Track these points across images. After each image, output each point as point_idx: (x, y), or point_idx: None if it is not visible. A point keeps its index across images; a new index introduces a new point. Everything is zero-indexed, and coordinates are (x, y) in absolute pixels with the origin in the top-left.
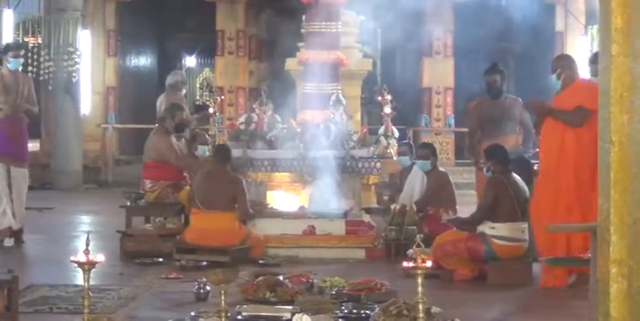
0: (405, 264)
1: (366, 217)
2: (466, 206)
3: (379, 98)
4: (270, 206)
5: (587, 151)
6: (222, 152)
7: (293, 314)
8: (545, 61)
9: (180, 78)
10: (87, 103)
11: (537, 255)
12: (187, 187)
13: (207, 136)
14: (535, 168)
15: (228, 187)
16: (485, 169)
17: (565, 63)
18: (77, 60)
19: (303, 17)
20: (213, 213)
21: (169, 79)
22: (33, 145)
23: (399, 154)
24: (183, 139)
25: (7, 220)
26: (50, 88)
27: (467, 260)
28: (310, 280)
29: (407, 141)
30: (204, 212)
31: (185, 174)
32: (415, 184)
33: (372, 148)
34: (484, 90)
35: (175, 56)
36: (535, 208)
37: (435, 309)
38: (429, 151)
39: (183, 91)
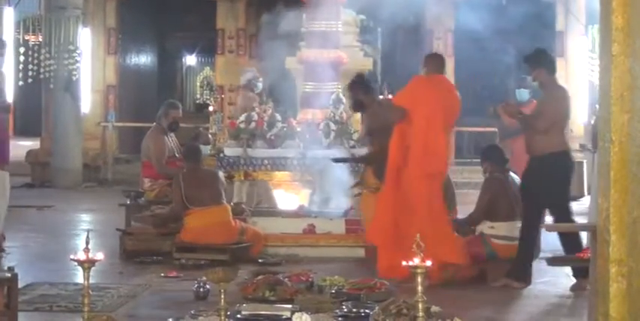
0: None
1: None
2: (466, 206)
3: (380, 97)
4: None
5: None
6: (192, 152)
7: (293, 313)
8: None
9: (252, 76)
10: (87, 101)
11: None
12: None
13: (209, 135)
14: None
15: (211, 181)
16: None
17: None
18: (77, 58)
19: (304, 16)
20: (204, 209)
21: (242, 78)
22: (33, 144)
23: None
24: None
25: None
26: (51, 86)
27: (469, 263)
28: (310, 279)
29: None
30: (195, 211)
31: None
32: None
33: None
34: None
35: (176, 55)
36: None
37: (434, 308)
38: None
39: (258, 90)
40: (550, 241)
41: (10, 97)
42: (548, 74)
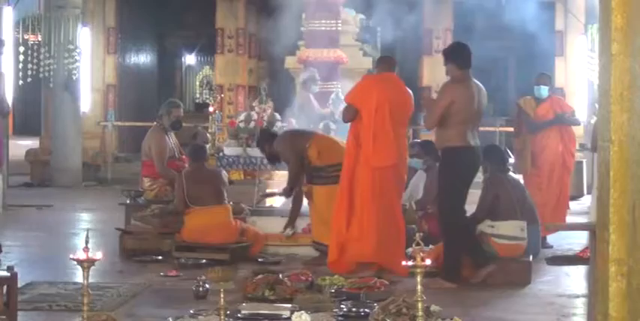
0: (404, 262)
1: None
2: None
3: None
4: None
5: None
6: (197, 152)
7: (292, 312)
8: (545, 60)
9: (307, 77)
10: (86, 100)
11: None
12: None
13: (207, 134)
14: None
15: (213, 181)
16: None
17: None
18: (77, 57)
19: (303, 15)
20: (205, 208)
21: (301, 76)
22: (33, 143)
23: (413, 155)
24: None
25: None
26: (51, 85)
27: (469, 263)
28: (309, 279)
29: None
30: (196, 209)
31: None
32: (419, 184)
33: None
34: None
35: (175, 54)
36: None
37: (434, 307)
38: (422, 150)
39: (315, 89)
40: (549, 241)
41: (9, 96)
42: (459, 69)
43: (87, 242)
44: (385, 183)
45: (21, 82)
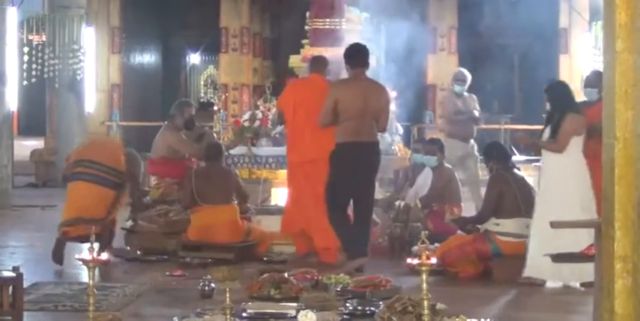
0: (409, 260)
1: None
2: (471, 203)
3: None
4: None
5: None
6: (214, 150)
7: (298, 311)
8: (549, 57)
9: (452, 76)
10: (91, 100)
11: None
12: None
13: (214, 134)
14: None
15: (224, 180)
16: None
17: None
18: (81, 58)
19: (307, 14)
20: (213, 207)
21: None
22: (37, 143)
23: (427, 153)
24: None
25: None
26: (56, 85)
27: (474, 261)
28: (315, 277)
29: (437, 138)
30: (204, 208)
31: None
32: (427, 182)
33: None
34: None
35: (179, 53)
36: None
37: (439, 305)
38: (436, 147)
39: (458, 91)
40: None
41: (14, 97)
42: (351, 69)
43: (92, 243)
44: (313, 175)
45: (25, 82)
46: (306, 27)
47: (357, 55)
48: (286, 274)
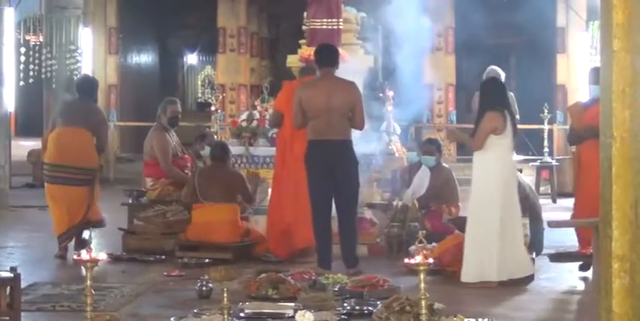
0: (407, 260)
1: (368, 214)
2: (468, 202)
3: (380, 95)
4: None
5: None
6: (219, 150)
7: (295, 311)
8: (546, 56)
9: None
10: None
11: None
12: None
13: (215, 136)
14: None
15: (228, 180)
16: None
17: None
18: (78, 58)
19: (304, 14)
20: (213, 205)
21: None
22: (35, 144)
23: (425, 153)
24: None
25: None
26: (53, 86)
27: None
28: (313, 277)
29: (435, 139)
30: (204, 205)
31: (187, 172)
32: (423, 182)
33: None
34: None
35: (177, 54)
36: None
37: (437, 305)
38: (434, 147)
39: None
40: (552, 238)
41: (11, 97)
42: (319, 68)
43: (90, 242)
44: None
45: (22, 82)
46: (304, 27)
47: (325, 54)
48: (284, 274)
